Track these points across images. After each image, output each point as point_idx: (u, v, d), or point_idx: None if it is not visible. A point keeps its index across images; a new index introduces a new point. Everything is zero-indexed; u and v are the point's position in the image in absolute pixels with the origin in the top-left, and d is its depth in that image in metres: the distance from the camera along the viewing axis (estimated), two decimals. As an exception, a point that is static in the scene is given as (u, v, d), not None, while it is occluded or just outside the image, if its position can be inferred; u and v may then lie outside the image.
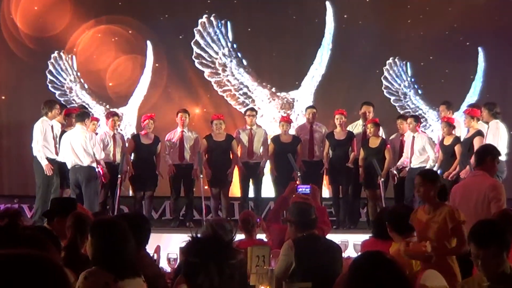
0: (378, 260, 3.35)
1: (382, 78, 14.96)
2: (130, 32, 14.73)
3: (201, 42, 14.85)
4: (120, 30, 14.72)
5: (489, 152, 7.41)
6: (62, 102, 13.38)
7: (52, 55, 14.60)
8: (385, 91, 14.98)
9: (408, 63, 15.00)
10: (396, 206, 8.32)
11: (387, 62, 14.98)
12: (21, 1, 14.46)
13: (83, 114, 11.67)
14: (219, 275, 3.33)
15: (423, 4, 15.03)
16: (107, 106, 14.44)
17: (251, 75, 14.88)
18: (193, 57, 14.83)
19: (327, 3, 14.95)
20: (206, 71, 14.86)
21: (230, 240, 3.59)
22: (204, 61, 14.83)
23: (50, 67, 14.64)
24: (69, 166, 11.42)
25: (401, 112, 14.39)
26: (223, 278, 3.34)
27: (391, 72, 15.01)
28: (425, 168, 11.75)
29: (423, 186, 6.12)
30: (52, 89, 14.53)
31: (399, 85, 15.03)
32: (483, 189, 7.00)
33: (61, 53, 14.64)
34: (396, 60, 14.95)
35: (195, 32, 14.84)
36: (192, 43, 14.83)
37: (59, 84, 14.65)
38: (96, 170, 11.48)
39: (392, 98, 14.95)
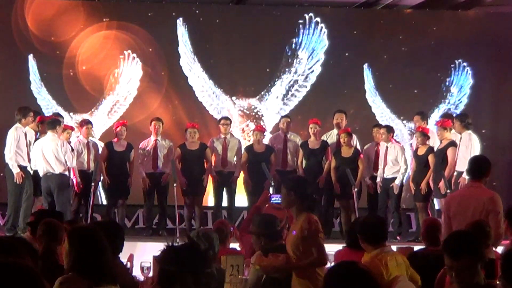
0: (352, 271, 3.35)
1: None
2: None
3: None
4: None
5: (487, 164, 7.32)
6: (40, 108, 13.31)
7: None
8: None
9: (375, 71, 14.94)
10: (367, 216, 8.32)
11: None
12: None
13: (54, 121, 11.59)
14: (194, 284, 3.31)
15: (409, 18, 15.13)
16: (71, 114, 14.21)
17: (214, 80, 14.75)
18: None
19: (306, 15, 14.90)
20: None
21: (208, 249, 3.58)
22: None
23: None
24: (40, 174, 11.34)
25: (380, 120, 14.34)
26: (199, 287, 3.32)
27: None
28: (388, 178, 11.87)
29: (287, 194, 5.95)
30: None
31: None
32: (481, 201, 6.91)
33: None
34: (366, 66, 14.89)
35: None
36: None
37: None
38: (70, 177, 11.42)
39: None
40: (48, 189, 11.32)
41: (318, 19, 14.74)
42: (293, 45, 14.77)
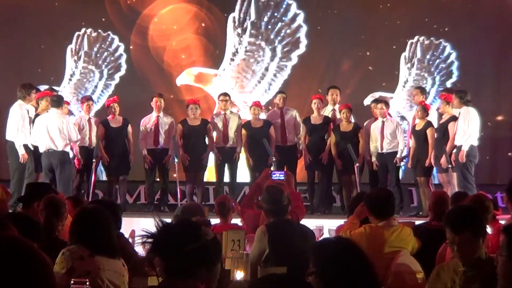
0: (340, 245, 3.36)
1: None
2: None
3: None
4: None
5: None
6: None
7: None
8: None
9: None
10: (375, 189, 8.34)
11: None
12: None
13: (59, 98, 11.59)
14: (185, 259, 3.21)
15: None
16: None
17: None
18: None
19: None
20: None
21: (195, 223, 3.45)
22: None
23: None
24: (41, 150, 11.31)
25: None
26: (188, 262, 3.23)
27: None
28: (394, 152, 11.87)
29: None
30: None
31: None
32: None
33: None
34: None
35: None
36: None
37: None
38: (71, 154, 11.42)
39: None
40: (49, 166, 11.30)
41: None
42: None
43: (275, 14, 14.78)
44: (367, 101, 13.76)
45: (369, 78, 14.67)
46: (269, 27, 14.85)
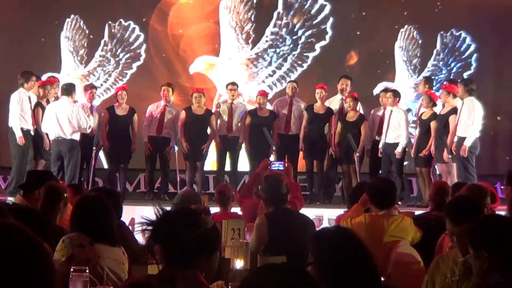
0: (339, 234, 3.36)
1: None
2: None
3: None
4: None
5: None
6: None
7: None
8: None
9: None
10: (377, 179, 8.32)
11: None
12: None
13: (70, 86, 11.69)
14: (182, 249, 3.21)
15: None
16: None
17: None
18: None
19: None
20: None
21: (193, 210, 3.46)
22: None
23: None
24: (51, 138, 11.44)
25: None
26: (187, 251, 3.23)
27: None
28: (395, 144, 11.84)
29: None
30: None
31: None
32: None
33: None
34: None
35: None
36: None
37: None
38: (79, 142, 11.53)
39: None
40: (58, 154, 11.44)
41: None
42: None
43: (304, 4, 14.67)
44: (377, 90, 13.70)
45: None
46: (295, 19, 14.72)
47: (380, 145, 12.13)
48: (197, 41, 14.57)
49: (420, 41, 14.59)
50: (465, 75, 14.35)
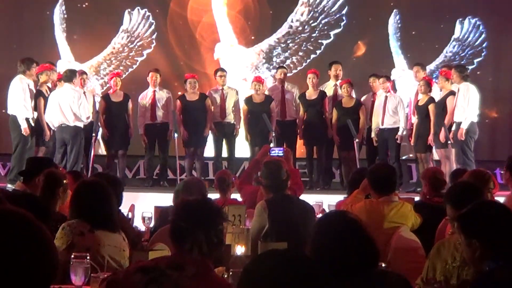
0: (341, 219, 3.36)
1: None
2: None
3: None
4: None
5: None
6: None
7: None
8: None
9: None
10: (378, 164, 8.31)
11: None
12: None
13: (71, 72, 11.63)
14: (207, 241, 3.34)
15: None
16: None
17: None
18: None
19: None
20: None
21: (220, 208, 3.61)
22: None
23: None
24: (55, 125, 11.44)
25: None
26: (211, 243, 3.35)
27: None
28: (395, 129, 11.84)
29: None
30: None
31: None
32: None
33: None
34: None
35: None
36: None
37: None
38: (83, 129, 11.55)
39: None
40: (62, 141, 11.46)
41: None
42: None
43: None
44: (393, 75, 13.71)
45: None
46: (317, 8, 14.73)
47: (373, 131, 12.10)
48: (214, 28, 14.66)
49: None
50: (475, 61, 14.44)
